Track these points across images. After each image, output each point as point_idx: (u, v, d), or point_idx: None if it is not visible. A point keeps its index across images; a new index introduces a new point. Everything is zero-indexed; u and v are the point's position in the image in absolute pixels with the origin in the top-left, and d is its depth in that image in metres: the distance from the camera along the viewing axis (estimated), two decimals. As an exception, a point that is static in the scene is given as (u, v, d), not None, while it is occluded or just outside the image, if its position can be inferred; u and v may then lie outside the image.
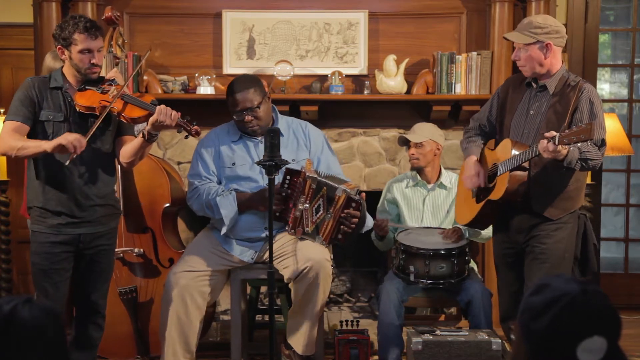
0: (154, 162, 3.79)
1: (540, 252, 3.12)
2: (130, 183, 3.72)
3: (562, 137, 2.77)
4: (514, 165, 3.01)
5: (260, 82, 3.43)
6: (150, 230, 3.72)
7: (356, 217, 3.21)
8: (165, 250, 3.72)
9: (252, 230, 3.36)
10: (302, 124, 3.55)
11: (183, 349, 3.27)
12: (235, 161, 3.41)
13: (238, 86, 3.36)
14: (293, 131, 3.49)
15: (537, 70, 3.10)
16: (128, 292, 3.67)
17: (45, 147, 2.82)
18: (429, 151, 3.78)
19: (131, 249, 3.69)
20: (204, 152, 3.45)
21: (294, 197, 3.29)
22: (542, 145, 2.84)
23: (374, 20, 4.31)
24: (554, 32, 3.08)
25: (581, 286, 1.41)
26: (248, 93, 3.33)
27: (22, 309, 1.36)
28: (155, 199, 3.72)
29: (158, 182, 3.74)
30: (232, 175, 3.41)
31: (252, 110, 3.33)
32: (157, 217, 3.72)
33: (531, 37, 3.06)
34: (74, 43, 2.90)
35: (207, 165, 3.43)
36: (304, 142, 3.48)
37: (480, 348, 3.20)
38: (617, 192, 5.26)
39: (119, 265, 3.68)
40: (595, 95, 3.06)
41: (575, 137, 2.74)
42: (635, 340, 4.13)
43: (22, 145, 2.86)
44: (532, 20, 3.13)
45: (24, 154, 2.88)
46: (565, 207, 3.11)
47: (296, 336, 3.30)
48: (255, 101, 3.33)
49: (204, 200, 3.35)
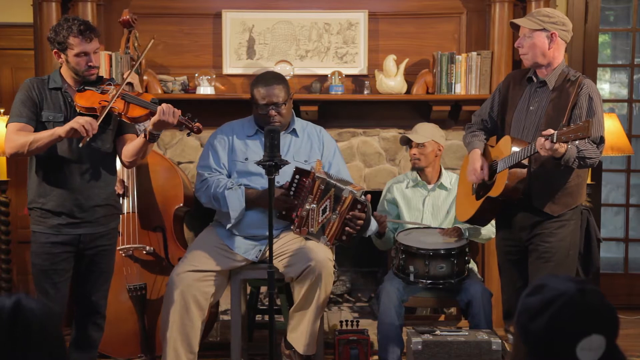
0: (169, 163, 3.86)
1: (545, 251, 3.11)
2: (145, 181, 3.76)
3: (559, 134, 2.77)
4: (513, 162, 3.02)
5: (286, 81, 3.51)
6: (162, 229, 3.75)
7: (361, 219, 3.23)
8: (175, 249, 3.74)
9: (258, 228, 3.36)
10: (316, 129, 3.60)
11: (185, 350, 3.28)
12: (248, 156, 3.44)
13: (266, 81, 3.42)
14: (308, 134, 3.55)
15: (538, 60, 3.09)
16: (137, 289, 3.68)
17: (59, 132, 2.83)
18: (431, 152, 3.77)
19: (142, 246, 3.71)
20: (216, 144, 3.47)
21: (301, 196, 3.30)
22: (539, 143, 2.85)
23: (373, 20, 4.31)
24: (561, 23, 3.09)
25: (578, 285, 1.42)
26: (275, 89, 3.39)
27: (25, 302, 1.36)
28: (169, 198, 3.77)
29: (173, 183, 3.79)
30: (244, 170, 3.42)
31: (277, 106, 3.38)
32: (169, 216, 3.76)
33: (538, 23, 3.06)
34: (69, 47, 2.90)
35: (218, 157, 3.45)
36: (317, 146, 3.53)
37: (480, 348, 3.20)
38: (617, 192, 5.26)
39: (129, 262, 3.70)
40: (594, 91, 3.05)
41: (573, 135, 2.74)
42: (635, 340, 4.13)
43: (34, 138, 2.85)
44: (540, 9, 3.15)
45: (38, 146, 2.85)
46: (566, 202, 3.11)
47: (297, 335, 3.30)
48: (281, 98, 3.39)
49: (212, 192, 3.36)
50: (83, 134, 2.79)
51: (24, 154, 2.89)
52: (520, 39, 3.13)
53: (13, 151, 2.90)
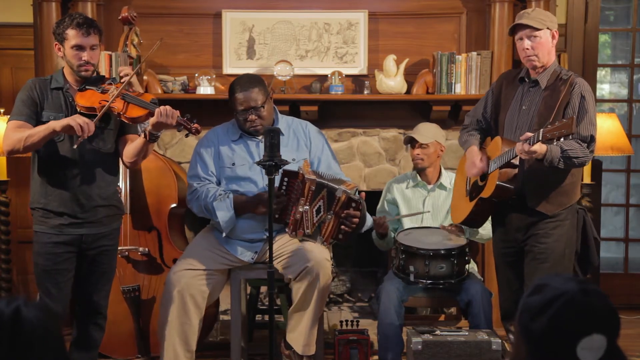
0: (163, 162, 3.82)
1: (540, 252, 3.11)
2: (138, 181, 3.74)
3: (545, 132, 2.77)
4: (502, 163, 3.02)
5: (263, 81, 3.43)
6: (156, 229, 3.74)
7: (356, 217, 3.21)
8: (170, 250, 3.73)
9: (252, 232, 3.36)
10: (302, 124, 3.55)
11: (183, 349, 3.27)
12: (235, 161, 3.41)
13: (241, 86, 3.35)
14: (293, 131, 3.49)
15: (546, 58, 3.08)
16: (131, 291, 3.68)
17: (54, 125, 2.82)
18: (433, 152, 3.77)
19: (136, 248, 3.70)
20: (203, 152, 3.44)
21: (292, 199, 3.29)
22: (518, 148, 2.86)
23: (373, 20, 4.31)
24: (556, 23, 3.12)
25: (579, 285, 1.42)
26: (252, 92, 3.32)
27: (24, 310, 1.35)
28: (163, 198, 3.75)
29: (166, 182, 3.76)
30: (232, 176, 3.40)
31: (256, 109, 3.33)
32: (163, 217, 3.74)
33: (542, 23, 3.06)
34: (66, 38, 2.90)
35: (206, 165, 3.42)
36: (304, 142, 3.47)
37: (480, 348, 3.20)
38: (617, 192, 5.26)
39: (123, 263, 3.69)
40: (587, 90, 3.04)
41: (557, 133, 2.73)
42: (635, 340, 4.13)
43: (29, 132, 2.85)
44: (536, 9, 3.15)
45: (34, 140, 2.85)
46: (560, 202, 3.10)
47: (296, 336, 3.30)
48: (259, 100, 3.33)
49: (202, 202, 3.35)
50: (78, 133, 2.79)
51: (20, 149, 2.89)
52: (524, 41, 3.07)
53: (9, 148, 2.90)
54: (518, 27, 3.09)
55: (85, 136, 2.81)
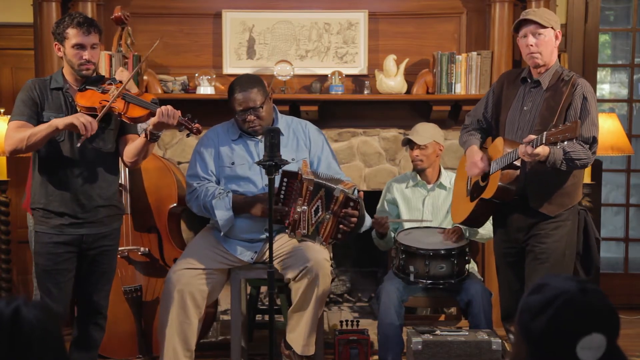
0: (162, 162, 3.83)
1: (541, 252, 3.11)
2: (138, 182, 3.74)
3: (548, 135, 2.76)
4: (505, 164, 3.01)
5: (262, 81, 3.42)
6: (157, 229, 3.74)
7: (355, 216, 3.21)
8: (170, 250, 3.73)
9: (251, 232, 3.36)
10: (302, 123, 3.55)
11: (182, 348, 3.27)
12: (235, 161, 3.41)
13: (241, 86, 3.35)
14: (293, 130, 3.49)
15: (548, 58, 3.08)
16: (133, 291, 3.68)
17: (57, 123, 2.82)
18: (432, 152, 3.77)
19: (137, 248, 3.70)
20: (203, 152, 3.44)
21: (291, 199, 3.29)
22: (521, 150, 2.86)
23: (373, 20, 4.31)
24: (558, 24, 3.11)
25: (579, 284, 1.42)
26: (251, 93, 3.32)
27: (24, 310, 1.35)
28: (163, 198, 3.75)
29: (165, 182, 3.76)
30: (232, 175, 3.40)
31: (255, 110, 3.33)
32: (163, 217, 3.75)
33: (547, 22, 3.06)
34: (67, 38, 2.90)
35: (205, 165, 3.42)
36: (303, 142, 3.47)
37: (480, 348, 3.20)
38: (617, 192, 5.26)
39: (124, 264, 3.69)
40: (589, 91, 3.04)
41: (561, 136, 2.72)
42: (635, 340, 4.13)
43: (32, 131, 2.84)
44: (542, 8, 3.15)
45: (37, 139, 2.84)
46: (562, 203, 3.10)
47: (295, 336, 3.30)
48: (258, 101, 3.33)
49: (201, 202, 3.35)
50: (82, 132, 2.79)
51: (22, 149, 2.88)
52: (529, 38, 3.06)
53: (12, 148, 2.90)
54: (523, 23, 3.09)
55: (89, 135, 2.81)
